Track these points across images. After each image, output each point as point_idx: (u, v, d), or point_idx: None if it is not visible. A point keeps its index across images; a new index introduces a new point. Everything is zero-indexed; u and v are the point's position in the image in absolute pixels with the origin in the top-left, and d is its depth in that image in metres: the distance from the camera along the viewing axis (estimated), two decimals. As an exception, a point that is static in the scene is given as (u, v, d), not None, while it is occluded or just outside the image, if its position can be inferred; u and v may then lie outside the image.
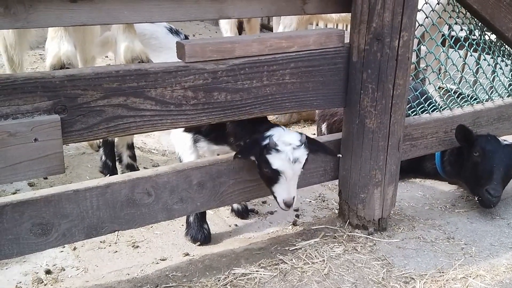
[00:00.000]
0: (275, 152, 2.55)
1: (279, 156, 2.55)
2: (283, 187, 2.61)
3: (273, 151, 2.55)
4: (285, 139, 2.59)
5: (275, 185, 2.62)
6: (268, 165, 2.57)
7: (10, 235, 2.22)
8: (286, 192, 2.61)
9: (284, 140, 2.58)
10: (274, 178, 2.61)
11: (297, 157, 2.57)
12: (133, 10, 2.29)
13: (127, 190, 2.45)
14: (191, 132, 2.96)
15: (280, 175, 2.58)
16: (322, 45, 2.73)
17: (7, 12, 2.04)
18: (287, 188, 2.61)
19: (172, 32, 3.38)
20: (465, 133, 3.39)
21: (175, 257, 2.90)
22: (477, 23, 3.55)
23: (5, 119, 2.05)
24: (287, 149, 2.56)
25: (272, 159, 2.55)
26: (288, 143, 2.58)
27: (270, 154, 2.55)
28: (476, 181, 3.41)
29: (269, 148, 2.55)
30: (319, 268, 2.71)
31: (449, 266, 2.77)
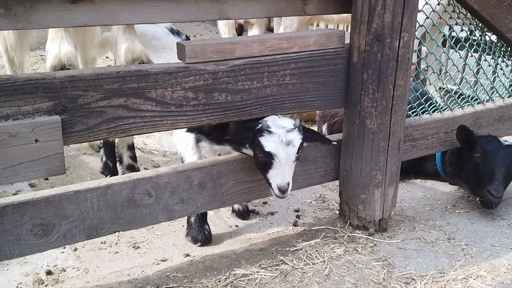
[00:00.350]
0: (267, 134, 2.51)
1: (271, 138, 2.50)
2: (276, 172, 2.53)
3: (266, 132, 2.51)
4: (279, 122, 2.56)
5: (269, 171, 2.55)
6: (261, 148, 2.52)
7: (11, 236, 2.23)
8: (280, 177, 2.53)
9: (277, 123, 2.55)
10: (267, 163, 2.53)
11: (291, 139, 2.52)
12: (133, 11, 2.29)
13: (127, 191, 2.45)
14: (194, 132, 2.96)
15: (274, 158, 2.51)
16: (323, 45, 2.73)
17: (8, 13, 2.04)
18: (281, 172, 2.53)
19: (173, 32, 3.38)
20: (466, 134, 3.39)
21: (175, 257, 2.91)
22: (478, 24, 3.55)
23: (5, 120, 2.05)
24: (280, 131, 2.51)
25: (264, 141, 2.51)
26: (282, 126, 2.54)
27: (262, 136, 2.51)
28: (477, 182, 3.41)
29: (261, 130, 2.51)
30: (320, 268, 2.71)
31: (449, 267, 2.77)
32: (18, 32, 3.83)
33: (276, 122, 2.57)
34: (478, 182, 3.39)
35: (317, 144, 2.96)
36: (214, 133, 2.89)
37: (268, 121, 2.55)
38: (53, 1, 2.12)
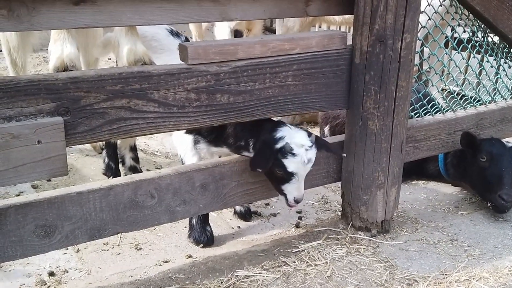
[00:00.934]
0: (291, 156, 2.57)
1: (294, 159, 2.57)
2: (294, 186, 2.64)
3: (289, 155, 2.56)
4: (297, 140, 2.59)
5: (285, 184, 2.65)
6: (283, 169, 2.59)
7: (14, 237, 2.23)
8: (298, 191, 2.65)
9: (296, 141, 2.59)
10: (286, 179, 2.63)
11: (310, 157, 2.61)
12: (135, 12, 2.30)
13: (130, 192, 2.45)
14: (192, 133, 2.97)
15: (294, 176, 2.60)
16: (325, 47, 2.73)
17: (10, 14, 2.04)
18: (298, 186, 2.65)
19: (173, 34, 3.38)
20: (469, 139, 3.38)
21: (178, 259, 2.90)
22: (480, 25, 3.54)
23: (8, 121, 2.06)
24: (302, 151, 2.57)
25: (288, 163, 2.57)
26: (301, 145, 2.58)
27: (286, 158, 2.57)
28: (486, 187, 3.38)
29: (285, 153, 2.56)
30: (322, 270, 2.70)
31: (452, 268, 2.77)
32: (21, 34, 3.84)
33: (294, 139, 2.59)
34: (487, 187, 3.36)
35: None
36: (212, 135, 2.90)
37: (290, 142, 2.57)
38: (56, 2, 2.12)
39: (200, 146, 2.98)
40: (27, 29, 2.12)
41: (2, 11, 2.03)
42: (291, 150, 2.56)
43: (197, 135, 2.96)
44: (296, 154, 2.56)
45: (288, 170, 2.58)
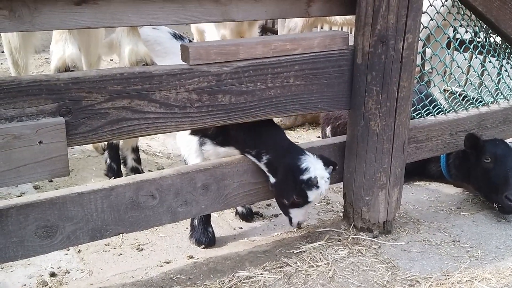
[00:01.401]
0: (315, 189, 2.62)
1: (317, 191, 2.63)
2: (302, 212, 2.74)
3: (314, 188, 2.62)
4: (320, 172, 2.64)
5: (295, 209, 2.73)
6: (304, 198, 2.64)
7: (15, 237, 2.23)
8: (304, 216, 2.78)
9: (319, 173, 2.64)
10: (299, 205, 2.70)
11: (326, 189, 2.68)
12: (137, 12, 2.30)
13: (131, 192, 2.45)
14: (197, 135, 2.96)
15: (308, 204, 2.69)
16: (327, 47, 2.73)
17: (12, 15, 2.04)
18: (306, 212, 2.77)
19: (176, 37, 3.37)
20: (473, 141, 3.37)
21: (179, 259, 2.90)
22: (482, 25, 3.54)
23: (10, 121, 2.06)
24: (323, 183, 2.63)
25: (310, 194, 2.63)
26: (322, 177, 2.64)
27: (310, 190, 2.62)
28: (491, 188, 3.37)
29: (311, 186, 2.61)
30: (324, 271, 2.70)
31: (454, 269, 2.76)
32: (22, 34, 3.84)
33: (317, 171, 2.64)
34: (493, 189, 3.35)
35: (321, 146, 2.97)
36: (219, 137, 2.89)
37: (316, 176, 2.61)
38: (58, 3, 2.12)
39: (206, 147, 2.97)
40: (29, 29, 2.12)
41: (3, 12, 2.03)
42: (316, 183, 2.61)
43: (203, 137, 2.96)
44: (319, 186, 2.62)
45: (308, 200, 2.65)
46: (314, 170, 2.63)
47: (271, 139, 2.75)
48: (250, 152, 2.76)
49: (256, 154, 2.75)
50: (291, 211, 2.74)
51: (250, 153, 2.77)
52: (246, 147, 2.77)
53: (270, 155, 2.71)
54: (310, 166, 2.64)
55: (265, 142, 2.74)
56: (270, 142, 2.74)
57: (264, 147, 2.73)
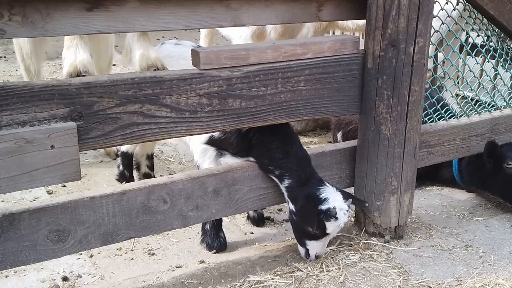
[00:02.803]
0: (333, 220, 2.62)
1: (335, 223, 2.62)
2: (321, 245, 2.74)
3: (333, 219, 2.61)
4: (339, 204, 2.64)
5: (313, 241, 2.73)
6: (322, 230, 2.64)
7: (27, 241, 2.24)
8: (322, 249, 2.77)
9: (338, 205, 2.63)
10: (316, 237, 2.70)
11: (345, 221, 2.66)
12: (148, 18, 2.31)
13: (142, 197, 2.46)
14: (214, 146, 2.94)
15: (326, 236, 2.68)
16: (337, 51, 2.73)
17: (25, 20, 2.07)
18: (324, 245, 2.76)
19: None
20: (493, 149, 3.34)
21: (190, 264, 2.91)
22: (494, 29, 3.52)
23: (22, 126, 2.08)
24: (342, 215, 2.63)
25: (329, 226, 2.62)
26: (340, 209, 2.63)
27: (329, 221, 2.61)
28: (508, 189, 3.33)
29: (330, 216, 2.61)
30: (335, 276, 2.69)
31: (467, 275, 2.74)
32: (34, 40, 3.88)
33: (336, 203, 2.63)
34: (509, 189, 3.31)
35: (332, 151, 2.97)
36: (242, 152, 2.85)
37: (336, 207, 2.61)
38: (70, 8, 2.14)
39: (225, 159, 2.94)
40: (41, 35, 2.14)
41: (16, 18, 2.06)
42: (335, 214, 2.61)
43: (221, 150, 2.94)
44: (338, 218, 2.62)
45: (326, 232, 2.64)
46: (333, 201, 2.63)
47: (295, 162, 2.72)
48: (274, 172, 2.74)
49: (279, 176, 2.73)
50: (308, 243, 2.74)
51: (273, 172, 2.74)
52: (270, 164, 2.74)
53: (292, 180, 2.70)
54: (330, 197, 2.64)
55: (289, 164, 2.71)
56: (294, 165, 2.71)
57: (287, 170, 2.71)
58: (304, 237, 2.75)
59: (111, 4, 2.21)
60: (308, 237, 2.73)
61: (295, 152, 2.74)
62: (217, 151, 2.95)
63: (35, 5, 2.07)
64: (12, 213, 2.19)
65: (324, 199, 2.64)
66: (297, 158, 2.73)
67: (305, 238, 2.75)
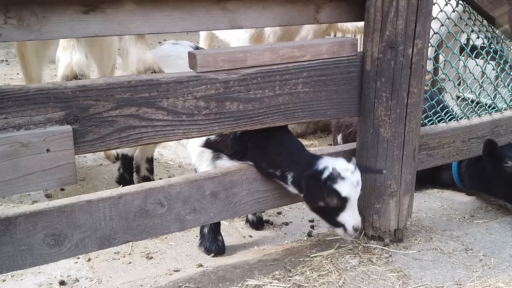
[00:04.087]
0: (341, 181, 2.52)
1: (345, 183, 2.52)
2: (350, 214, 2.57)
3: (339, 180, 2.52)
4: (341, 165, 2.57)
5: (341, 214, 2.57)
6: (336, 195, 2.53)
7: (23, 245, 2.23)
8: (356, 218, 2.59)
9: (340, 167, 2.56)
10: (340, 207, 2.56)
11: (357, 179, 2.56)
12: (145, 21, 2.30)
13: (139, 200, 2.44)
14: (211, 149, 2.93)
15: (347, 202, 2.55)
16: (335, 54, 2.72)
17: (20, 24, 2.06)
18: (354, 213, 2.59)
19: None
20: (491, 147, 3.31)
21: (188, 268, 2.89)
22: (494, 31, 3.50)
23: (17, 130, 2.07)
24: (349, 174, 2.54)
25: (340, 188, 2.52)
26: (345, 169, 2.55)
27: (336, 183, 2.52)
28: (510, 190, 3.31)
29: (334, 178, 2.52)
30: (334, 280, 2.67)
31: (467, 278, 2.72)
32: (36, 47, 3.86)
33: (338, 166, 2.56)
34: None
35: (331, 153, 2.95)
36: (239, 155, 2.82)
37: (334, 168, 2.54)
38: (66, 11, 2.13)
39: (222, 162, 2.92)
40: (37, 38, 2.13)
41: (12, 21, 2.05)
42: (339, 174, 2.52)
43: (218, 152, 2.92)
44: (345, 177, 2.53)
45: (342, 195, 2.52)
46: (333, 165, 2.55)
47: (291, 154, 2.68)
48: (275, 174, 2.70)
49: (281, 175, 2.69)
50: (340, 220, 2.58)
51: (275, 174, 2.71)
52: (269, 166, 2.71)
53: (293, 172, 2.66)
54: (328, 164, 2.57)
55: (286, 158, 2.68)
56: (290, 158, 2.67)
57: (287, 165, 2.67)
58: (332, 216, 2.61)
59: (108, 6, 2.21)
60: (335, 214, 2.58)
61: (288, 144, 2.71)
62: (213, 154, 2.93)
63: (31, 8, 2.07)
64: (7, 217, 2.17)
65: (323, 169, 2.56)
66: (291, 149, 2.69)
67: (333, 217, 2.59)
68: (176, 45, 3.38)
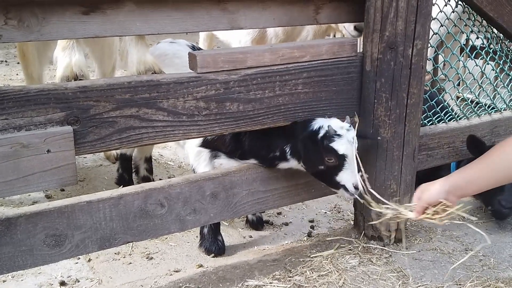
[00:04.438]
0: (337, 138, 2.48)
1: (342, 140, 2.48)
2: (348, 172, 2.52)
3: (335, 137, 2.48)
4: (334, 124, 2.53)
5: (339, 173, 2.52)
6: (333, 153, 2.48)
7: (24, 246, 2.23)
8: (354, 176, 2.52)
9: (334, 124, 2.52)
10: (338, 166, 2.51)
11: (353, 136, 2.53)
12: (145, 21, 2.30)
13: (140, 201, 2.45)
14: (208, 148, 2.93)
15: (345, 160, 2.50)
16: (335, 54, 2.72)
17: (21, 24, 2.06)
18: (352, 171, 2.52)
19: (195, 49, 3.35)
20: (476, 144, 3.31)
21: (188, 268, 2.89)
22: (493, 31, 3.50)
23: (18, 130, 2.07)
24: (344, 132, 2.51)
25: (337, 146, 2.47)
26: (339, 127, 2.52)
27: (333, 141, 2.48)
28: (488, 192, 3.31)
29: (330, 137, 2.48)
30: (334, 280, 2.67)
31: (466, 278, 2.72)
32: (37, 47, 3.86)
33: (333, 124, 2.53)
34: (489, 192, 3.29)
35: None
36: (237, 152, 2.82)
37: (329, 125, 2.51)
38: (66, 12, 2.14)
39: (220, 161, 2.93)
40: (37, 39, 2.13)
41: (12, 22, 2.05)
42: (335, 132, 2.49)
43: (215, 151, 2.92)
44: (341, 134, 2.49)
45: (339, 153, 2.48)
46: (328, 125, 2.52)
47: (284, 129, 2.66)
48: (275, 156, 2.68)
49: (280, 154, 2.67)
50: (339, 180, 2.53)
51: (275, 157, 2.69)
52: (268, 151, 2.70)
53: (291, 144, 2.64)
54: (322, 124, 2.55)
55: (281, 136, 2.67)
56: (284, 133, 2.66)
57: (283, 141, 2.66)
58: (331, 177, 2.56)
59: (108, 7, 2.21)
60: (334, 174, 2.54)
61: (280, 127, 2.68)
62: (211, 153, 2.93)
63: (31, 9, 2.07)
64: (8, 217, 2.18)
65: (318, 129, 2.54)
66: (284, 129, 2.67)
67: (333, 177, 2.55)
68: (173, 44, 3.39)
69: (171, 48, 3.32)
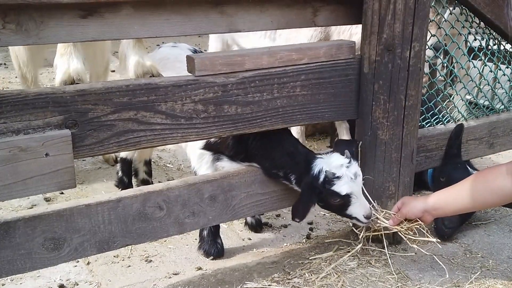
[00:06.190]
0: (337, 181, 2.53)
1: (341, 182, 2.53)
2: (357, 205, 2.59)
3: (335, 180, 2.53)
4: (334, 163, 2.56)
5: (348, 208, 2.60)
6: (337, 195, 2.54)
7: (23, 249, 2.23)
8: (363, 207, 2.61)
9: (334, 165, 2.55)
10: (346, 203, 2.58)
11: (354, 172, 2.56)
12: (143, 25, 2.30)
13: (138, 204, 2.45)
14: (211, 151, 2.93)
15: (350, 197, 2.56)
16: (333, 56, 2.72)
17: (19, 28, 2.06)
18: (361, 203, 2.60)
19: (196, 53, 3.35)
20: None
21: (187, 271, 2.90)
22: (491, 33, 3.51)
23: (16, 134, 2.07)
24: (343, 170, 2.54)
25: (338, 188, 2.53)
26: (339, 165, 2.55)
27: (334, 184, 2.53)
28: None
29: (329, 181, 2.53)
30: (333, 282, 2.67)
31: (465, 280, 2.72)
32: (30, 48, 3.86)
33: (331, 164, 2.56)
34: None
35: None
36: (240, 156, 2.82)
37: (330, 169, 2.54)
38: (64, 16, 2.14)
39: (222, 164, 2.91)
40: (35, 43, 2.13)
41: (10, 26, 2.05)
42: (333, 175, 2.52)
43: (218, 154, 2.91)
44: (340, 176, 2.53)
45: (342, 194, 2.54)
46: (327, 166, 2.55)
47: (290, 155, 2.68)
48: (279, 174, 2.71)
49: (284, 176, 2.70)
50: (350, 213, 2.62)
51: (278, 175, 2.71)
52: (272, 167, 2.71)
53: (295, 174, 2.66)
54: (322, 166, 2.57)
55: (286, 159, 2.68)
56: (290, 159, 2.67)
57: (288, 166, 2.67)
58: (342, 211, 2.64)
59: (106, 11, 2.21)
60: (343, 209, 2.62)
61: (288, 148, 2.70)
62: (213, 156, 2.92)
63: (29, 13, 2.06)
64: (7, 221, 2.18)
65: (318, 173, 2.56)
66: (290, 154, 2.68)
67: (343, 211, 2.64)
68: (175, 48, 3.39)
69: (172, 52, 3.33)
